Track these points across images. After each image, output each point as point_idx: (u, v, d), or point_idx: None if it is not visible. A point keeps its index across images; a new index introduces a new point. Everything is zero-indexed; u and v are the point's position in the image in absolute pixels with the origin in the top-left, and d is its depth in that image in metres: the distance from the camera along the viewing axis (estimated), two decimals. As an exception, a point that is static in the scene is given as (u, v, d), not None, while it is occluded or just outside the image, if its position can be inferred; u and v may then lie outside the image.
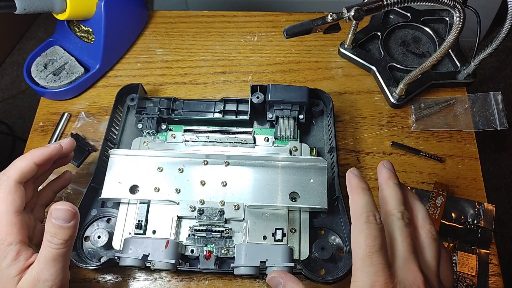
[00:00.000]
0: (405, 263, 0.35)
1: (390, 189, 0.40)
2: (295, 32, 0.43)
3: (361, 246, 0.35)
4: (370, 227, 0.35)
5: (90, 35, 0.61)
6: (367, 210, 0.37)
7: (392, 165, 0.42)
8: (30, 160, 0.43)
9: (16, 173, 0.42)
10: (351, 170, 0.40)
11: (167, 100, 0.56)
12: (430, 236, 0.37)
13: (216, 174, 0.49)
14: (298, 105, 0.53)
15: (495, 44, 0.51)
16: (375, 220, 0.36)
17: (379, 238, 0.35)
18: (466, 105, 0.58)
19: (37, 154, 0.43)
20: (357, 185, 0.39)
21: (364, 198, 0.38)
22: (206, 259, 0.46)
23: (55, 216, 0.38)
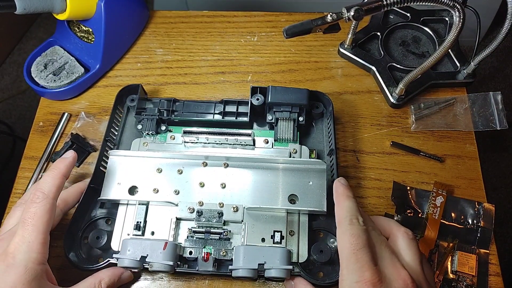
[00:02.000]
0: (389, 261, 0.37)
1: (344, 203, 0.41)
2: (295, 32, 0.43)
3: (345, 246, 0.37)
4: (353, 228, 0.37)
5: (90, 35, 0.61)
6: (351, 213, 0.39)
7: None
8: (60, 175, 0.43)
9: (53, 190, 0.42)
10: (338, 179, 0.43)
11: (167, 101, 0.56)
12: (407, 237, 0.39)
13: (215, 176, 0.49)
14: (298, 107, 0.53)
15: (495, 44, 0.51)
16: (358, 222, 0.38)
17: (363, 237, 0.37)
18: (465, 105, 0.58)
19: (62, 167, 0.44)
20: (343, 193, 0.41)
21: (349, 203, 0.40)
22: (204, 261, 0.45)
23: None
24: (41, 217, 0.40)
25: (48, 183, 0.42)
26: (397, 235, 0.40)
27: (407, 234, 0.40)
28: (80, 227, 0.49)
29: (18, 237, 0.39)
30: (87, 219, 0.50)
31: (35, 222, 0.39)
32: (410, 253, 0.39)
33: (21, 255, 0.38)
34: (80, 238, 0.49)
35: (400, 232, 0.40)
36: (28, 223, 0.39)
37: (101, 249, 0.48)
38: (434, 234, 0.49)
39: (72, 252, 0.47)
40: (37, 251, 0.39)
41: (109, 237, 0.48)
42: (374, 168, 0.55)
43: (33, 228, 0.39)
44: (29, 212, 0.40)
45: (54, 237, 0.51)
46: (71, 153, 0.47)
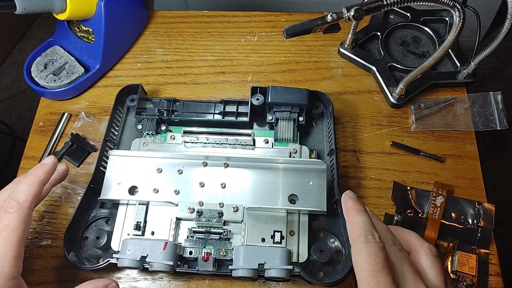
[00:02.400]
0: (412, 283, 0.34)
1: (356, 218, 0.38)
2: (295, 32, 0.43)
3: (363, 267, 0.33)
4: (370, 246, 0.34)
5: (90, 35, 0.61)
6: (365, 230, 0.36)
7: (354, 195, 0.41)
8: (38, 182, 0.41)
9: (29, 199, 0.39)
10: (346, 193, 0.40)
11: (167, 101, 0.56)
12: (431, 253, 0.36)
13: (215, 176, 0.49)
14: (298, 107, 0.53)
15: (495, 44, 0.51)
16: (374, 239, 0.35)
17: (381, 256, 0.34)
18: (466, 105, 0.58)
19: (40, 173, 0.41)
20: (353, 207, 0.38)
21: (361, 218, 0.37)
22: (204, 261, 0.45)
23: None
24: (15, 229, 0.37)
25: (23, 191, 0.39)
26: (420, 251, 0.36)
27: (431, 250, 0.36)
28: (80, 227, 0.49)
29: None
30: (87, 219, 0.50)
31: (7, 235, 0.37)
32: (434, 273, 0.35)
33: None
34: (80, 238, 0.49)
35: (424, 248, 0.36)
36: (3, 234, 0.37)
37: (101, 249, 0.48)
38: (434, 234, 0.49)
39: (72, 252, 0.47)
40: (10, 265, 0.36)
41: (109, 237, 0.48)
42: (374, 168, 0.55)
43: (4, 242, 0.36)
44: (2, 223, 0.37)
45: (54, 237, 0.51)
46: (51, 159, 0.43)
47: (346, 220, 0.38)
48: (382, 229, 0.37)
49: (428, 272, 0.35)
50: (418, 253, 0.36)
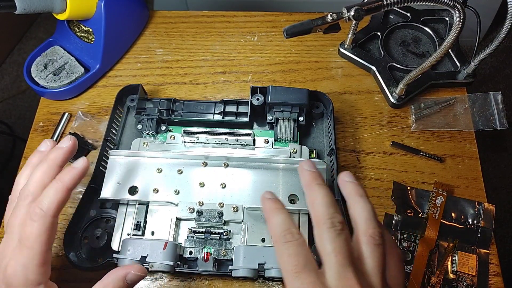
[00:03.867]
0: (339, 277, 0.32)
1: (315, 193, 0.37)
2: (295, 32, 0.43)
3: (286, 268, 0.33)
4: (289, 246, 0.33)
5: (90, 35, 0.61)
6: (283, 229, 0.35)
7: (312, 164, 0.39)
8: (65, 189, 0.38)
9: (54, 207, 0.37)
10: (264, 194, 0.38)
11: (167, 101, 0.56)
12: (373, 242, 0.34)
13: (215, 176, 0.49)
14: (298, 107, 0.53)
15: (495, 44, 0.51)
16: (293, 237, 0.34)
17: (301, 254, 0.33)
18: (466, 105, 0.58)
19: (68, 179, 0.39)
20: (270, 208, 0.37)
21: (278, 217, 0.36)
22: (204, 261, 0.45)
23: None
24: (38, 238, 0.36)
25: (49, 198, 0.37)
26: (362, 239, 0.35)
27: (374, 239, 0.34)
28: (80, 227, 0.49)
29: (13, 260, 0.36)
30: (87, 219, 0.50)
31: (30, 244, 0.36)
32: (372, 263, 0.34)
33: (17, 278, 0.35)
34: (80, 238, 0.49)
35: (366, 236, 0.34)
36: (23, 244, 0.36)
37: (101, 249, 0.48)
38: (435, 234, 0.49)
39: (72, 252, 0.47)
40: (34, 273, 0.36)
41: (109, 237, 0.48)
42: (374, 168, 0.55)
43: (28, 251, 0.36)
44: (25, 232, 0.36)
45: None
46: (82, 162, 0.40)
47: (267, 223, 0.37)
48: (323, 203, 0.35)
49: (366, 262, 0.34)
50: (360, 239, 0.35)
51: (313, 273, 0.32)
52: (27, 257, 0.36)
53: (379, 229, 0.35)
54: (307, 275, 0.32)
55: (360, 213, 0.36)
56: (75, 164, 0.40)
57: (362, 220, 0.35)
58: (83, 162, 0.40)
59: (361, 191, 0.37)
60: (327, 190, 0.36)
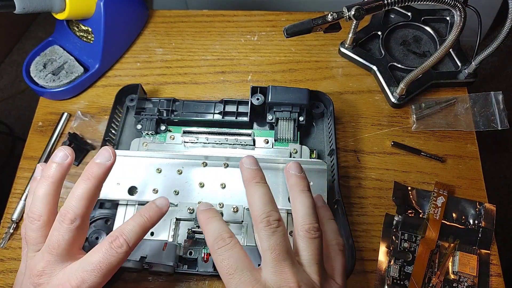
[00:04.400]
0: (275, 271, 0.34)
1: (253, 192, 0.38)
2: (295, 32, 0.43)
3: (221, 273, 0.34)
4: (221, 252, 0.35)
5: (90, 34, 0.61)
6: (215, 236, 0.36)
7: (253, 160, 0.40)
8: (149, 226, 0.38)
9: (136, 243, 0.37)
10: (199, 206, 0.40)
11: (166, 101, 0.56)
12: (308, 236, 0.36)
13: (215, 176, 0.49)
14: (298, 107, 0.53)
15: (496, 43, 0.50)
16: (224, 242, 0.35)
17: (232, 257, 0.34)
18: (467, 105, 0.58)
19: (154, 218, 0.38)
20: (204, 218, 0.38)
21: (210, 226, 0.37)
22: (204, 261, 0.45)
23: None
24: (113, 269, 0.35)
25: (135, 233, 0.37)
26: (298, 234, 0.36)
27: (309, 233, 0.36)
28: (79, 228, 0.49)
29: (80, 279, 0.34)
30: (87, 219, 0.50)
31: (106, 272, 0.35)
32: (307, 256, 0.35)
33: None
34: (79, 239, 0.49)
35: (303, 231, 0.36)
36: (99, 269, 0.35)
37: (101, 249, 0.48)
38: (435, 234, 0.49)
39: (71, 252, 0.47)
40: None
41: (109, 237, 0.47)
42: (375, 168, 0.55)
43: (101, 277, 0.35)
44: (106, 259, 0.35)
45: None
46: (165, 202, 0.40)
47: (204, 234, 0.38)
48: (258, 202, 0.37)
49: (302, 254, 0.36)
50: (297, 233, 0.37)
51: (246, 271, 0.34)
52: (95, 283, 0.34)
53: (315, 223, 0.37)
54: (239, 275, 0.34)
55: (299, 207, 0.38)
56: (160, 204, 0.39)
57: (299, 215, 0.37)
58: (166, 203, 0.40)
59: (302, 184, 0.39)
60: (265, 188, 0.38)
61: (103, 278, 0.35)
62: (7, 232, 0.52)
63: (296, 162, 0.41)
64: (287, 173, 0.41)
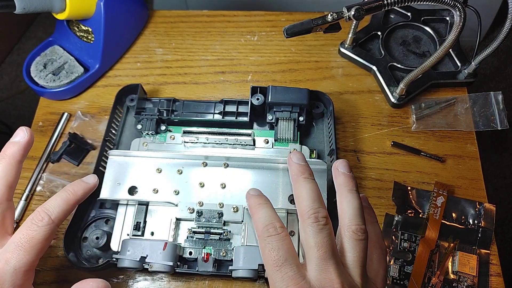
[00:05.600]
0: (320, 270, 0.33)
1: (301, 187, 0.37)
2: (295, 32, 0.43)
3: (267, 262, 0.34)
4: (271, 240, 0.34)
5: (90, 34, 0.61)
6: (266, 223, 0.35)
7: (301, 156, 0.40)
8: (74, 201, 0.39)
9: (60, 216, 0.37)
10: (249, 191, 0.40)
11: (166, 101, 0.56)
12: (354, 238, 0.35)
13: (215, 176, 0.49)
14: (298, 107, 0.53)
15: (496, 43, 0.50)
16: (275, 231, 0.35)
17: (282, 248, 0.34)
18: (466, 105, 0.58)
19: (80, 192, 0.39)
20: (254, 203, 0.38)
21: (261, 212, 0.37)
22: (204, 261, 0.45)
23: None
24: (37, 244, 0.35)
25: (58, 207, 0.37)
26: (345, 233, 0.35)
27: (356, 234, 0.35)
28: (79, 227, 0.49)
29: (2, 261, 0.34)
30: (87, 219, 0.50)
31: (28, 248, 0.35)
32: (352, 258, 0.35)
33: (4, 281, 0.34)
34: (80, 238, 0.49)
35: (349, 231, 0.35)
36: (21, 245, 0.35)
37: (101, 249, 0.48)
38: (435, 234, 0.49)
39: (72, 252, 0.47)
40: (23, 278, 0.35)
41: (109, 237, 0.48)
42: (375, 168, 0.55)
43: (24, 254, 0.35)
44: (27, 234, 0.35)
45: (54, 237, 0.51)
46: (94, 179, 0.41)
47: (252, 218, 0.38)
48: (307, 198, 0.36)
49: (347, 255, 0.35)
50: (343, 233, 0.36)
51: (294, 266, 0.33)
52: (20, 261, 0.35)
53: (362, 225, 0.36)
54: (287, 268, 0.33)
55: (346, 208, 0.36)
56: (87, 179, 0.41)
57: (347, 215, 0.36)
58: (94, 179, 0.41)
59: (351, 184, 0.38)
60: (313, 184, 0.37)
61: (29, 255, 0.34)
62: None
63: (345, 161, 0.40)
64: (335, 171, 0.39)
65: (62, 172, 0.56)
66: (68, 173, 0.56)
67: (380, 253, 0.38)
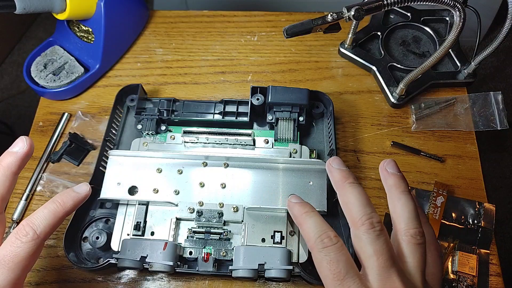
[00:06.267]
0: (382, 279, 0.32)
1: (348, 193, 0.35)
2: (295, 32, 0.43)
3: (327, 276, 0.32)
4: (328, 252, 0.32)
5: (90, 34, 0.61)
6: (318, 233, 0.34)
7: (341, 161, 0.38)
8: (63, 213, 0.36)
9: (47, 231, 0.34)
10: (290, 198, 0.38)
11: (166, 101, 0.56)
12: (413, 242, 0.34)
13: (215, 176, 0.49)
14: (298, 107, 0.53)
15: (495, 44, 0.50)
16: (330, 241, 0.33)
17: (342, 260, 0.32)
18: (466, 105, 0.58)
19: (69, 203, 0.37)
20: (299, 212, 0.36)
21: (310, 221, 0.35)
22: (204, 261, 0.45)
23: None
24: (22, 261, 0.33)
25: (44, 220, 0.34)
26: (402, 238, 0.34)
27: (415, 239, 0.34)
28: (80, 227, 0.49)
29: None
30: (87, 219, 0.50)
31: (13, 265, 0.32)
32: (412, 262, 0.33)
33: None
34: (80, 238, 0.49)
35: (407, 236, 0.34)
36: (5, 263, 0.32)
37: (101, 249, 0.48)
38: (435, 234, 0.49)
39: (72, 252, 0.47)
40: None
41: (109, 237, 0.48)
42: (375, 168, 0.55)
43: (8, 273, 0.32)
44: (10, 251, 0.33)
45: (53, 237, 0.51)
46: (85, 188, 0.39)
47: (300, 228, 0.36)
48: (358, 204, 0.34)
49: (408, 261, 0.33)
50: (401, 238, 0.34)
51: (356, 278, 0.31)
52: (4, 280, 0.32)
53: (420, 228, 0.34)
54: (350, 282, 0.31)
55: (401, 211, 0.35)
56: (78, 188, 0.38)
57: (403, 219, 0.34)
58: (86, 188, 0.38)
59: (403, 185, 0.36)
60: (360, 189, 0.36)
61: (14, 274, 0.32)
62: (8, 232, 0.52)
63: (393, 160, 0.37)
64: (384, 172, 0.37)
65: (62, 172, 0.56)
66: (68, 173, 0.56)
67: (436, 255, 0.37)
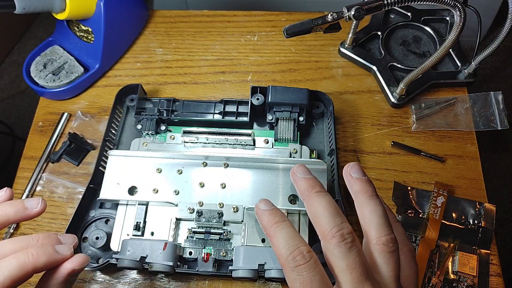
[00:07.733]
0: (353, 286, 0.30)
1: (315, 203, 0.33)
2: (295, 32, 0.43)
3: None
4: (300, 271, 0.30)
5: (90, 34, 0.61)
6: (290, 250, 0.31)
7: (306, 169, 0.36)
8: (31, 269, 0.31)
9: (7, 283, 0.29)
10: (258, 205, 0.35)
11: (166, 101, 0.56)
12: (386, 251, 0.32)
13: (215, 176, 0.49)
14: (298, 107, 0.53)
15: (496, 43, 0.50)
16: (303, 259, 0.31)
17: (315, 280, 0.30)
18: (466, 105, 0.58)
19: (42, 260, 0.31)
20: (269, 223, 0.33)
21: (281, 235, 0.32)
22: (204, 261, 0.45)
23: None
24: None
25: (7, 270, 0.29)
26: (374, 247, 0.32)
27: (387, 247, 0.32)
28: (79, 228, 0.49)
29: None
30: (87, 219, 0.50)
31: None
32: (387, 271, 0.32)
33: None
34: (80, 239, 0.49)
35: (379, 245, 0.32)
36: None
37: (101, 249, 0.48)
38: (435, 234, 0.49)
39: (71, 252, 0.47)
40: None
41: (109, 237, 0.48)
42: (375, 168, 0.55)
43: None
44: None
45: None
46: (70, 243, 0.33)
47: (269, 240, 0.33)
48: (326, 214, 0.32)
49: (382, 271, 0.32)
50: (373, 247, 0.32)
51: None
52: None
53: (392, 234, 0.33)
54: None
55: (371, 217, 0.33)
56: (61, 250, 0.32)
57: (373, 225, 0.33)
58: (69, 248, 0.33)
59: (370, 189, 0.34)
60: (328, 198, 0.34)
61: None
62: (7, 232, 0.52)
63: (357, 164, 0.36)
64: (348, 177, 0.36)
65: (62, 172, 0.56)
66: (68, 173, 0.56)
67: (409, 256, 0.35)
